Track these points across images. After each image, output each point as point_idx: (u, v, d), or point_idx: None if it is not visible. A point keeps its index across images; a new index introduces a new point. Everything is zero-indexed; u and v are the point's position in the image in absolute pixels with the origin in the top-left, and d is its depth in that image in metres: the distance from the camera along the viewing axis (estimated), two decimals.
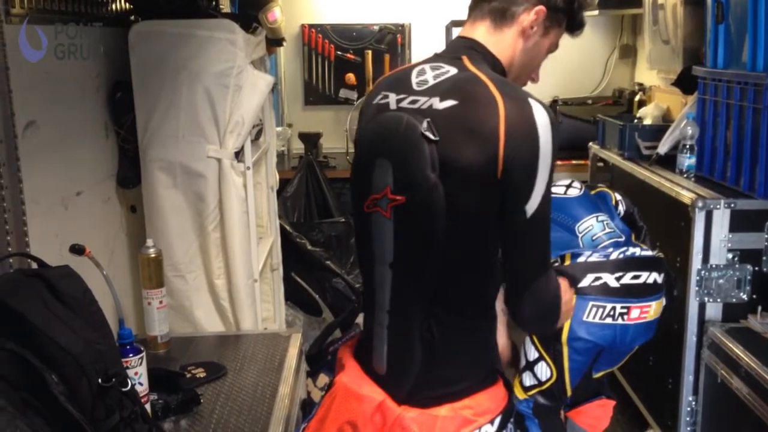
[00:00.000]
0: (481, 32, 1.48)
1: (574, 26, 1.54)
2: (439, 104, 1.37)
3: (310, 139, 4.31)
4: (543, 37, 1.50)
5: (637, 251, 1.56)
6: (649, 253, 1.57)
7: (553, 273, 1.43)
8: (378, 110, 1.47)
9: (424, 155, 1.34)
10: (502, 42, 1.47)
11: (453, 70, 1.42)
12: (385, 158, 1.40)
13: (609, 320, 1.50)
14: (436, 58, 1.48)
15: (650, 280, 1.53)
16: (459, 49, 1.48)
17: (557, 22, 1.50)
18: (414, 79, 1.44)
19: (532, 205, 1.32)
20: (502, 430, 1.45)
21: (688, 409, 2.54)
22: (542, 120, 1.32)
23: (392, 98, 1.45)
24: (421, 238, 1.39)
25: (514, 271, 1.40)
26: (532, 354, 1.52)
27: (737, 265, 2.43)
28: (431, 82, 1.42)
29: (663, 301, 1.56)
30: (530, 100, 1.34)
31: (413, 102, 1.41)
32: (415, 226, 1.40)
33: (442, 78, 1.41)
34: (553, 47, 1.55)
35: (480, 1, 1.51)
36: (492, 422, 1.43)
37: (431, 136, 1.34)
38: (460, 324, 1.43)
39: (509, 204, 1.34)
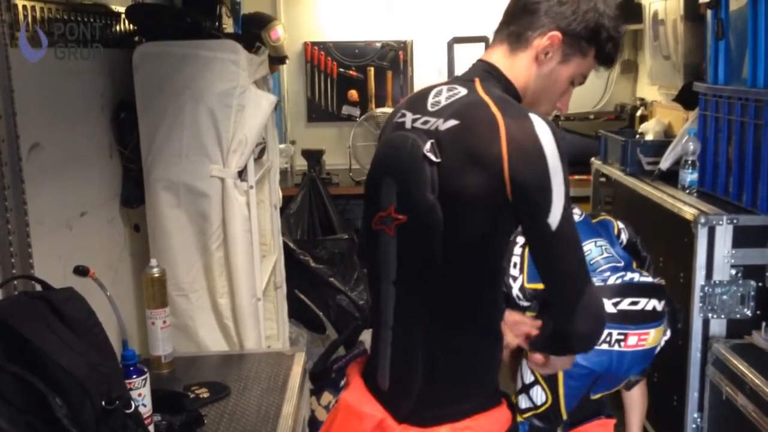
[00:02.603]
0: (498, 56, 1.49)
1: (602, 59, 1.50)
2: (443, 125, 1.39)
3: (313, 156, 4.33)
4: (562, 65, 1.47)
5: (635, 277, 1.55)
6: (649, 279, 1.56)
7: (593, 282, 1.40)
8: (395, 128, 1.50)
9: (425, 176, 1.36)
10: (517, 66, 1.47)
11: (463, 92, 1.43)
12: (390, 177, 1.44)
13: (605, 346, 1.48)
14: (455, 79, 1.50)
15: (649, 307, 1.51)
16: (475, 71, 1.49)
17: (580, 51, 1.47)
18: (430, 100, 1.46)
19: (554, 219, 1.31)
20: None
21: (694, 426, 2.53)
22: (545, 135, 1.31)
23: (409, 117, 1.47)
24: (421, 257, 1.41)
25: (557, 288, 1.38)
26: (528, 377, 1.52)
27: (740, 281, 2.43)
28: (443, 103, 1.43)
29: (663, 328, 1.55)
30: (531, 115, 1.33)
31: (425, 123, 1.43)
32: (416, 245, 1.41)
33: (452, 99, 1.43)
34: (579, 78, 1.51)
35: (501, 25, 1.51)
36: None
37: (433, 158, 1.35)
38: (461, 343, 1.43)
39: (531, 222, 1.34)
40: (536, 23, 1.44)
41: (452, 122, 1.37)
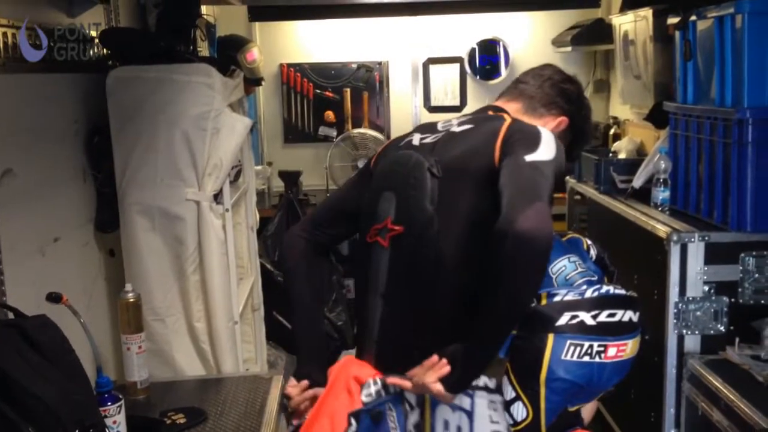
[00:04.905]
0: (512, 109, 1.64)
1: (569, 156, 1.66)
2: (457, 128, 1.55)
3: (290, 177, 4.33)
4: None
5: (611, 289, 1.58)
6: (623, 291, 1.60)
7: (548, 204, 1.37)
8: (403, 148, 1.60)
9: (425, 189, 1.45)
10: None
11: (476, 115, 1.62)
12: (391, 191, 1.52)
13: (587, 358, 1.51)
14: (464, 115, 1.66)
15: (626, 318, 1.55)
16: (487, 108, 1.66)
17: (565, 139, 1.64)
18: (440, 125, 1.61)
19: (531, 157, 1.39)
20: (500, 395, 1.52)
21: None
22: (546, 131, 1.48)
23: (417, 137, 1.60)
24: (412, 268, 1.46)
25: (509, 200, 1.33)
26: (509, 393, 1.53)
27: (713, 297, 2.46)
28: (454, 121, 1.60)
29: (639, 339, 1.58)
30: (539, 126, 1.50)
31: (434, 138, 1.56)
32: (409, 257, 1.47)
33: (465, 118, 1.61)
34: None
35: (519, 84, 1.69)
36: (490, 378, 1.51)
37: (435, 172, 1.46)
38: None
39: (507, 160, 1.41)
40: (551, 101, 1.64)
41: (467, 126, 1.54)
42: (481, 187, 1.42)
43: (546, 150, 1.42)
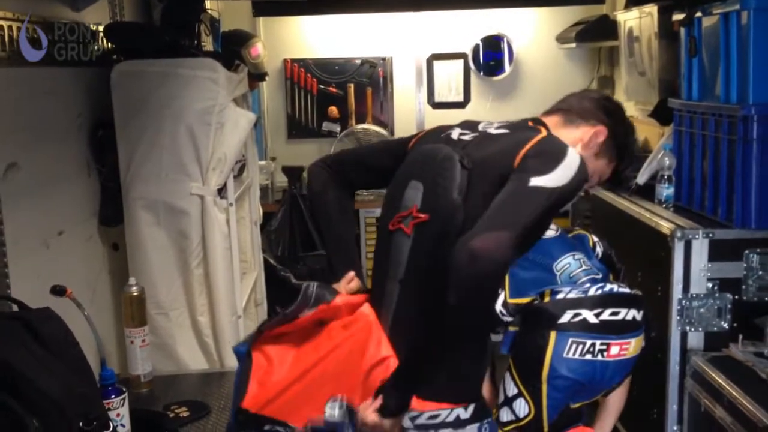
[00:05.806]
0: (551, 122, 1.65)
1: (616, 177, 1.70)
2: (494, 130, 1.58)
3: (294, 173, 4.32)
4: (593, 158, 1.63)
5: (614, 287, 1.57)
6: (627, 290, 1.59)
7: (514, 249, 1.34)
8: (442, 140, 1.61)
9: (455, 180, 1.46)
10: (565, 137, 1.59)
11: (515, 123, 1.63)
12: (418, 180, 1.52)
13: (589, 357, 1.51)
14: (505, 121, 1.67)
15: (629, 317, 1.54)
16: (528, 120, 1.67)
17: (608, 156, 1.65)
18: (481, 126, 1.63)
19: (536, 182, 1.38)
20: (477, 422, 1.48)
21: None
22: (573, 153, 1.46)
23: (456, 132, 1.62)
24: (433, 256, 1.46)
25: (486, 215, 1.35)
26: (511, 390, 1.53)
27: (717, 294, 2.45)
28: (494, 124, 1.62)
29: (642, 337, 1.58)
30: (570, 147, 1.48)
31: (470, 137, 1.58)
32: (430, 244, 1.47)
33: (504, 124, 1.62)
34: (595, 179, 1.67)
35: (561, 103, 1.72)
36: (466, 408, 1.48)
37: (466, 164, 1.47)
38: (456, 345, 1.45)
39: (518, 173, 1.42)
40: (589, 113, 1.65)
41: (503, 131, 1.57)
42: (496, 189, 1.43)
43: (561, 174, 1.40)
